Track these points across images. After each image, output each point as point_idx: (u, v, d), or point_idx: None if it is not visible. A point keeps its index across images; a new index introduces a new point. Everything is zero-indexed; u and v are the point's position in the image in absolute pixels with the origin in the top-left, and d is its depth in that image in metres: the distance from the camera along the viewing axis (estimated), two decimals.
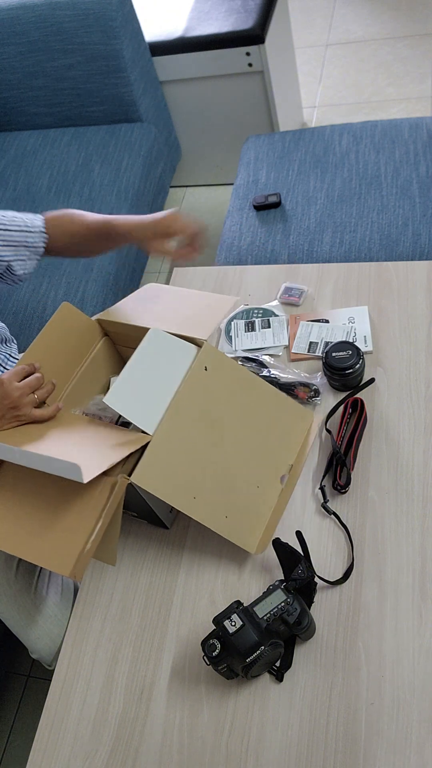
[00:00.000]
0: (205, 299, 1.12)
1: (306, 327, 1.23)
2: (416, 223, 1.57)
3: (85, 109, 2.11)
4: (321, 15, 3.05)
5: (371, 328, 1.21)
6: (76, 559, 0.85)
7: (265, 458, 1.04)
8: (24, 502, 0.93)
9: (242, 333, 1.26)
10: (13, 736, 1.59)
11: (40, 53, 1.99)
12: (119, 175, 1.97)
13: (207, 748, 0.89)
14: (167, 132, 2.26)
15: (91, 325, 1.11)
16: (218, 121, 2.32)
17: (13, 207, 1.96)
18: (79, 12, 1.88)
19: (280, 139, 1.86)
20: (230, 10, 2.12)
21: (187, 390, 0.96)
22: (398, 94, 2.63)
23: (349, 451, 1.06)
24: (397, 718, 0.86)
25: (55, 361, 1.07)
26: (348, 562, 0.98)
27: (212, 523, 0.96)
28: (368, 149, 1.75)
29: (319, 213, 1.66)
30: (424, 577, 0.94)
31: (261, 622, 0.86)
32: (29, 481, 0.95)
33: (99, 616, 1.02)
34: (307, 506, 1.04)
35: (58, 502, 0.91)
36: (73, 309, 1.08)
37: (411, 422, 1.08)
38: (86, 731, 0.94)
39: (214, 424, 0.99)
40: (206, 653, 0.87)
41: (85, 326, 1.11)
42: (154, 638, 0.98)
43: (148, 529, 1.08)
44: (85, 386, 1.10)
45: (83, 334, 1.10)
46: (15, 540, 0.91)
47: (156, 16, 2.21)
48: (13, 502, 0.94)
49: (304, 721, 0.88)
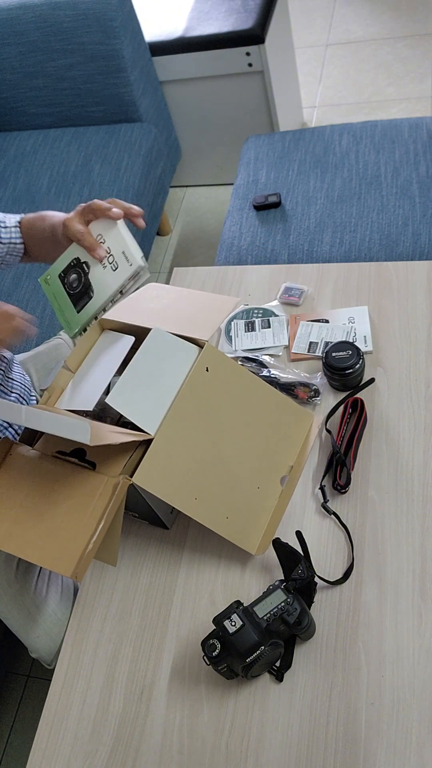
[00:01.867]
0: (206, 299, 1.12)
1: (306, 327, 1.23)
2: (416, 223, 1.57)
3: (85, 109, 2.11)
4: (321, 15, 3.05)
5: (371, 328, 1.21)
6: (77, 559, 0.85)
7: (265, 459, 1.04)
8: (25, 503, 0.93)
9: (242, 333, 1.26)
10: (13, 736, 1.59)
11: (40, 53, 1.99)
12: (119, 175, 1.97)
13: (207, 748, 0.89)
14: (167, 132, 2.26)
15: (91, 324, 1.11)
16: (218, 121, 2.32)
17: (13, 207, 1.96)
18: (79, 12, 1.88)
19: (280, 139, 1.86)
20: (230, 10, 2.12)
21: (189, 391, 0.96)
22: (398, 94, 2.63)
23: (349, 451, 1.06)
24: (397, 718, 0.86)
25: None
26: (348, 562, 0.98)
27: (213, 523, 0.96)
28: (368, 149, 1.75)
29: (319, 213, 1.66)
30: (424, 577, 0.94)
31: (261, 622, 0.86)
32: (30, 481, 0.95)
33: (99, 616, 1.02)
34: (307, 506, 1.04)
35: (60, 502, 0.91)
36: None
37: (411, 422, 1.09)
38: (86, 731, 0.94)
39: (215, 425, 0.99)
40: (206, 653, 0.87)
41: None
42: (154, 638, 0.99)
43: (148, 529, 1.08)
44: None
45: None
46: (16, 540, 0.91)
47: (156, 16, 2.21)
48: (13, 502, 0.94)
49: (304, 721, 0.88)
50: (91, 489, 0.90)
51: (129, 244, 0.90)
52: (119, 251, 0.90)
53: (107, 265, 0.90)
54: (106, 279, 0.90)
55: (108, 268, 0.90)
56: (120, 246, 0.90)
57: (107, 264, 0.90)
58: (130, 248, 0.90)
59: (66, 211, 1.07)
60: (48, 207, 1.92)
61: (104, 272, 0.90)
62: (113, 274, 0.90)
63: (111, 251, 0.90)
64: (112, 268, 0.90)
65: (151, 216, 2.06)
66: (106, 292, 0.91)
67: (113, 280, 0.90)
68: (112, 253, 0.90)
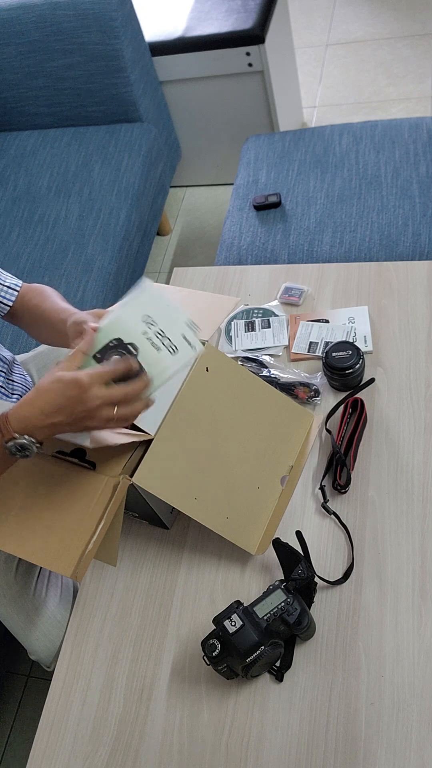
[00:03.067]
0: (206, 299, 1.12)
1: (306, 327, 1.23)
2: (416, 223, 1.57)
3: (85, 109, 2.11)
4: (321, 15, 3.05)
5: (371, 328, 1.21)
6: (77, 560, 0.85)
7: (265, 459, 1.04)
8: (25, 503, 0.93)
9: (242, 333, 1.26)
10: (13, 736, 1.59)
11: (40, 53, 1.99)
12: (119, 175, 1.97)
13: (207, 748, 0.89)
14: (167, 132, 2.26)
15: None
16: (218, 121, 2.32)
17: (13, 207, 1.97)
18: (79, 12, 1.88)
19: (280, 139, 1.86)
20: (230, 10, 2.12)
21: (189, 391, 0.96)
22: (398, 94, 2.63)
23: (349, 451, 1.06)
24: (397, 718, 0.86)
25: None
26: (348, 562, 0.98)
27: (213, 524, 0.96)
28: (368, 149, 1.75)
29: (319, 213, 1.66)
30: (424, 577, 0.94)
31: (261, 622, 0.86)
32: (30, 481, 0.95)
33: (99, 616, 1.02)
34: (307, 506, 1.04)
35: (60, 502, 0.91)
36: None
37: (411, 422, 1.09)
38: (86, 731, 0.94)
39: (215, 425, 0.99)
40: (206, 653, 0.87)
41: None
42: (154, 638, 0.99)
43: (148, 529, 1.08)
44: None
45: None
46: (16, 541, 0.91)
47: (156, 16, 2.21)
48: (13, 502, 0.94)
49: (304, 721, 0.88)
50: (91, 489, 0.90)
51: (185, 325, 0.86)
52: (178, 334, 0.86)
53: (162, 348, 0.84)
54: (165, 362, 0.85)
55: (164, 351, 0.84)
56: (180, 329, 0.86)
57: (162, 347, 0.84)
58: (189, 333, 0.86)
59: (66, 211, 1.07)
60: (48, 207, 1.92)
61: (159, 355, 0.84)
62: (172, 358, 0.85)
63: (167, 334, 0.85)
64: (170, 352, 0.85)
65: (151, 216, 2.06)
66: (162, 376, 0.85)
67: (172, 362, 0.85)
68: (168, 336, 0.85)
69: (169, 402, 0.95)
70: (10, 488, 0.95)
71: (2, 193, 2.01)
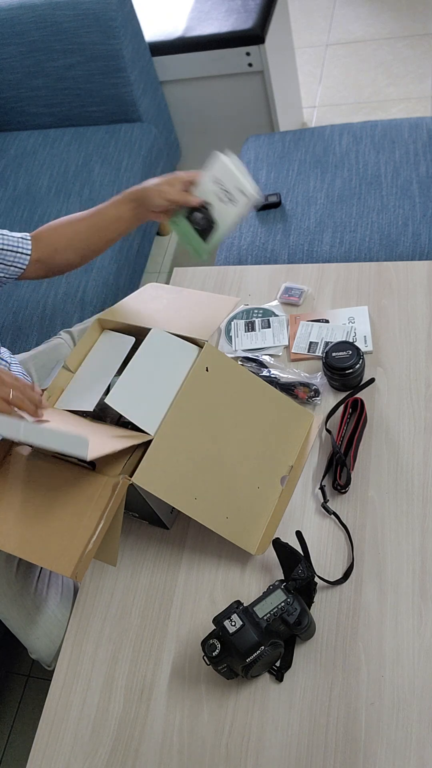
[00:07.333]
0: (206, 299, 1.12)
1: (306, 327, 1.23)
2: (416, 223, 1.57)
3: (85, 109, 2.11)
4: (321, 15, 3.05)
5: (371, 328, 1.21)
6: (77, 559, 0.85)
7: (265, 459, 1.04)
8: (25, 503, 0.93)
9: (242, 333, 1.26)
10: (13, 736, 1.59)
11: (40, 53, 1.99)
12: (119, 175, 1.97)
13: (207, 748, 0.89)
14: (167, 132, 2.26)
15: (91, 324, 1.11)
16: (218, 121, 2.32)
17: (13, 207, 1.97)
18: (79, 12, 1.88)
19: (280, 139, 1.86)
20: (230, 10, 2.12)
21: (189, 391, 0.96)
22: (398, 94, 2.63)
23: (349, 451, 1.06)
24: (397, 718, 0.86)
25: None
26: (348, 562, 0.98)
27: (213, 523, 0.96)
28: (368, 149, 1.75)
29: (319, 213, 1.66)
30: (424, 577, 0.94)
31: (261, 622, 0.86)
32: (30, 481, 0.95)
33: (99, 616, 1.02)
34: (307, 506, 1.04)
35: (60, 502, 0.91)
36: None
37: (411, 422, 1.09)
38: (86, 731, 0.94)
39: (215, 425, 0.99)
40: (206, 653, 0.87)
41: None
42: (154, 638, 0.99)
43: (148, 529, 1.08)
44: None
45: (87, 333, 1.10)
46: (16, 541, 0.91)
47: (156, 16, 2.21)
48: (13, 502, 0.94)
49: (304, 721, 0.88)
50: (90, 489, 0.90)
51: (242, 180, 1.09)
52: (234, 187, 1.10)
53: (226, 201, 1.11)
54: (229, 211, 1.12)
55: (228, 203, 1.11)
56: (234, 183, 1.09)
57: (226, 200, 1.11)
58: (244, 184, 1.09)
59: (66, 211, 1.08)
60: (48, 207, 1.92)
61: (225, 207, 1.12)
62: (234, 207, 1.11)
63: (227, 188, 1.10)
64: (232, 203, 1.11)
65: None
66: (227, 222, 1.13)
67: (234, 211, 1.12)
68: (228, 189, 1.10)
69: (169, 402, 0.95)
70: (9, 488, 0.95)
71: (2, 193, 2.01)
